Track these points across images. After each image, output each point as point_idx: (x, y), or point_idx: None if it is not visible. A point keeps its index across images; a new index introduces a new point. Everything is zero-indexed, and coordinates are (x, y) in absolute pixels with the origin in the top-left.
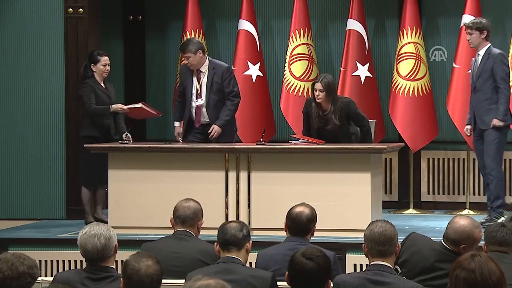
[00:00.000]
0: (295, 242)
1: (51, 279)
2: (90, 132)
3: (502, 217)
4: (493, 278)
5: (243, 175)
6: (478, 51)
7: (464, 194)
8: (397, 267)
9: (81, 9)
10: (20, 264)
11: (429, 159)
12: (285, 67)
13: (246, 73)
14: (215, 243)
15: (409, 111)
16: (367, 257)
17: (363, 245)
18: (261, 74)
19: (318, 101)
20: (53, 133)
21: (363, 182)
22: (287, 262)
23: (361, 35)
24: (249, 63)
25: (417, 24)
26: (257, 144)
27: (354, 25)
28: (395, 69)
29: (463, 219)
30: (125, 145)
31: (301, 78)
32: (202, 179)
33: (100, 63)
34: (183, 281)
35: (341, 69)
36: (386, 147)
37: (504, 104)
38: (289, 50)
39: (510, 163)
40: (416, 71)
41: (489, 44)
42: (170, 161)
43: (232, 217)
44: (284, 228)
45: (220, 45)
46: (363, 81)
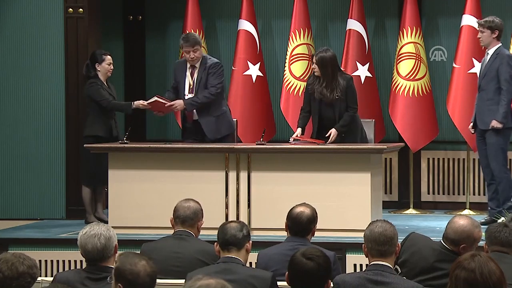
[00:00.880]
0: (295, 242)
1: (51, 279)
2: (94, 131)
3: (502, 217)
4: (493, 278)
5: (243, 175)
6: (488, 50)
7: (464, 194)
8: (397, 267)
9: (81, 9)
10: (20, 264)
11: (429, 159)
12: (285, 67)
13: (246, 73)
14: (215, 243)
15: (409, 111)
16: (367, 257)
17: (363, 245)
18: (261, 74)
19: (315, 74)
20: (53, 133)
21: (363, 182)
22: (287, 262)
23: (361, 35)
24: (249, 63)
25: (417, 24)
26: (257, 144)
27: (354, 25)
28: (395, 69)
29: (462, 219)
30: (125, 145)
31: (301, 78)
32: (202, 179)
33: (105, 62)
34: (183, 281)
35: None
36: (386, 147)
37: (505, 106)
38: (289, 50)
39: (510, 163)
40: (416, 71)
41: (500, 44)
42: (170, 161)
43: (232, 217)
44: (284, 228)
45: (220, 45)
46: (363, 81)
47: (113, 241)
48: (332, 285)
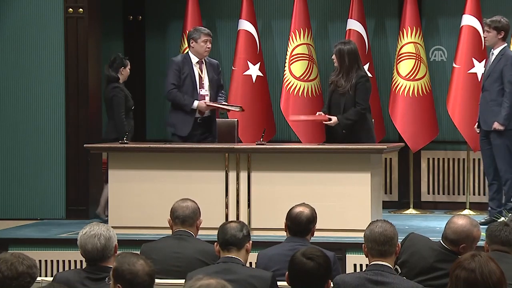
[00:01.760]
0: (295, 242)
1: (51, 279)
2: (114, 135)
3: (502, 217)
4: (493, 278)
5: (243, 175)
6: (493, 50)
7: (464, 194)
8: (397, 267)
9: (81, 9)
10: (20, 264)
11: (429, 159)
12: (285, 67)
13: (246, 73)
14: (215, 243)
15: (409, 111)
16: (367, 257)
17: (363, 245)
18: (261, 74)
19: (334, 64)
20: (53, 133)
21: (363, 182)
22: (287, 262)
23: (361, 35)
24: (249, 63)
25: (417, 24)
26: (257, 144)
27: (354, 25)
28: (395, 69)
29: (461, 219)
30: (125, 145)
31: (301, 78)
32: (202, 179)
33: (128, 67)
34: (183, 281)
35: None
36: (386, 147)
37: (507, 108)
38: (289, 50)
39: None
40: (416, 71)
41: (505, 44)
42: (170, 161)
43: (232, 217)
44: (284, 228)
45: (220, 45)
46: None
47: (113, 241)
48: (332, 285)
